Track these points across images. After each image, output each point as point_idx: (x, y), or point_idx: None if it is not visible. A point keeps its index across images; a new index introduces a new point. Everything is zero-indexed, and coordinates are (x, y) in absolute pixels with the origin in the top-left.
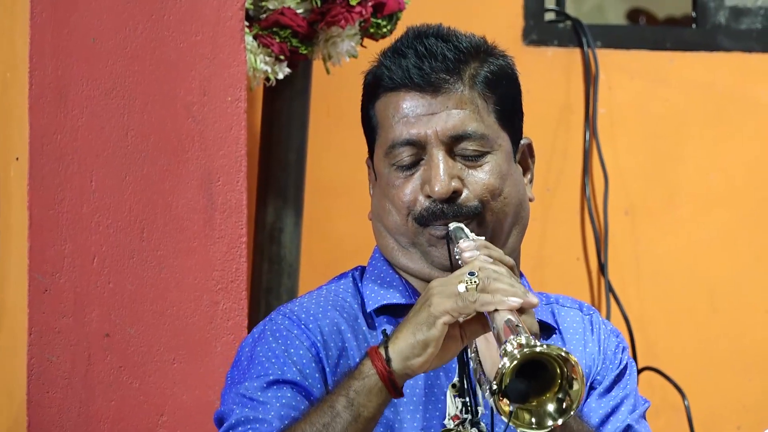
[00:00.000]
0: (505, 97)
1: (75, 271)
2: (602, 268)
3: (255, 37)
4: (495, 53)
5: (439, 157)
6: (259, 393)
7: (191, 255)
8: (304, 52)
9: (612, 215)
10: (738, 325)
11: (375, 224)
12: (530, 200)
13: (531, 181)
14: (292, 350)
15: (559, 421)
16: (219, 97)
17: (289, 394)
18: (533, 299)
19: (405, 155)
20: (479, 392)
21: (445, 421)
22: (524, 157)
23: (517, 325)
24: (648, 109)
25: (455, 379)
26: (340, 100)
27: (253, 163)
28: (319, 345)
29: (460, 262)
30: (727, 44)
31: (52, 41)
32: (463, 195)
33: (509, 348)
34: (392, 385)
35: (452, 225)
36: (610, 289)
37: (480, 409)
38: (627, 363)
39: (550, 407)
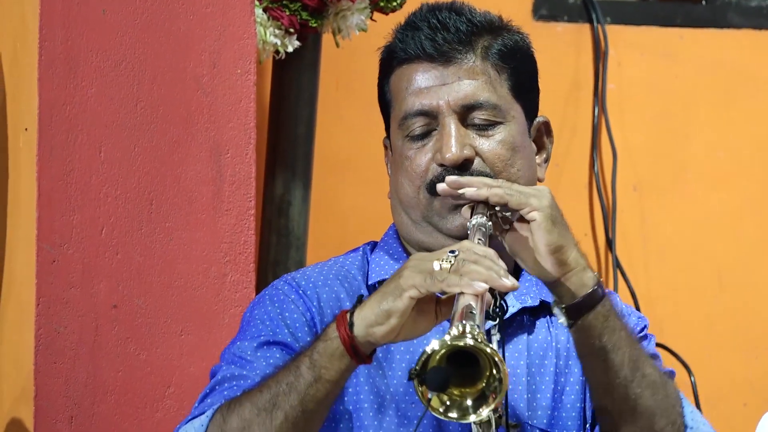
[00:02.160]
0: (519, 71)
1: (83, 242)
2: (610, 244)
3: (265, 10)
4: (510, 29)
5: (451, 125)
6: (249, 353)
7: (199, 227)
8: (314, 25)
9: (620, 191)
10: (745, 302)
11: (392, 201)
12: (539, 180)
13: (547, 161)
14: (287, 314)
15: (470, 419)
16: (228, 70)
17: (278, 355)
18: (508, 282)
19: (417, 125)
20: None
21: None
22: (540, 136)
23: (471, 312)
24: (657, 85)
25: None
26: (349, 73)
27: (262, 136)
28: (314, 311)
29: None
30: (738, 21)
31: (62, 13)
32: (475, 163)
33: (448, 334)
34: (354, 351)
35: (474, 219)
36: (617, 265)
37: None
38: (645, 335)
39: (469, 402)
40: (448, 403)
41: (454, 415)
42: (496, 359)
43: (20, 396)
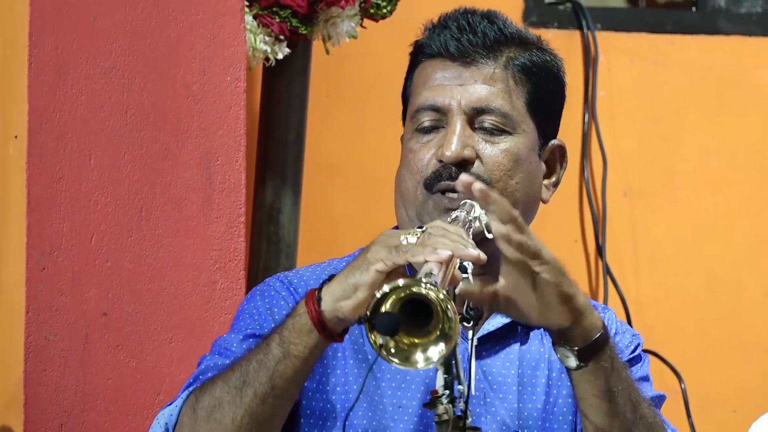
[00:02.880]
0: (541, 89)
1: (73, 249)
2: (600, 251)
3: (255, 17)
4: (544, 49)
5: (458, 124)
6: (235, 344)
7: (189, 234)
8: (304, 32)
9: (610, 197)
10: (736, 308)
11: (395, 195)
12: (543, 201)
13: (556, 185)
14: (276, 309)
15: (419, 365)
16: (218, 77)
17: None
18: (474, 252)
19: (426, 119)
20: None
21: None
22: (552, 159)
23: (430, 273)
24: (647, 91)
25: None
26: (339, 80)
27: (252, 143)
28: None
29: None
30: (728, 27)
31: (52, 19)
32: (474, 166)
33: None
34: (321, 326)
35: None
36: (607, 271)
37: (460, 387)
38: (639, 356)
39: (418, 355)
40: (398, 349)
41: (396, 360)
42: (447, 306)
43: (10, 403)
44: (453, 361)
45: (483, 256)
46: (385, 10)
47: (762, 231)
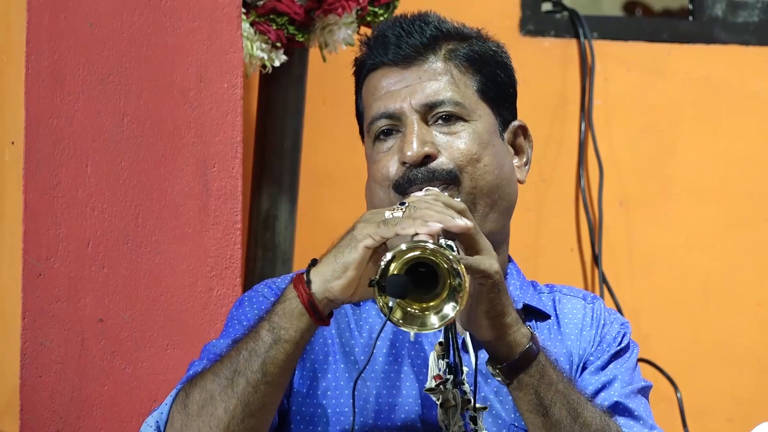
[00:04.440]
0: (489, 77)
1: (69, 255)
2: (596, 259)
3: (252, 24)
4: (483, 38)
5: (414, 124)
6: (224, 349)
7: (186, 241)
8: (301, 39)
9: (606, 206)
10: (730, 317)
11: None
12: (520, 182)
13: (527, 164)
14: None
15: (436, 325)
16: (215, 84)
17: None
18: (461, 222)
19: (382, 125)
20: (468, 355)
21: (427, 383)
22: (517, 139)
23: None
24: (644, 100)
25: (440, 339)
26: (336, 87)
27: (249, 150)
28: None
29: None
30: (724, 37)
31: (49, 25)
32: (438, 160)
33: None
34: (312, 309)
35: (424, 189)
36: (603, 280)
37: (465, 369)
38: (627, 345)
39: (433, 318)
40: (408, 317)
41: (414, 327)
42: (458, 267)
43: (5, 410)
44: (452, 347)
45: (470, 224)
46: (381, 18)
47: (757, 241)
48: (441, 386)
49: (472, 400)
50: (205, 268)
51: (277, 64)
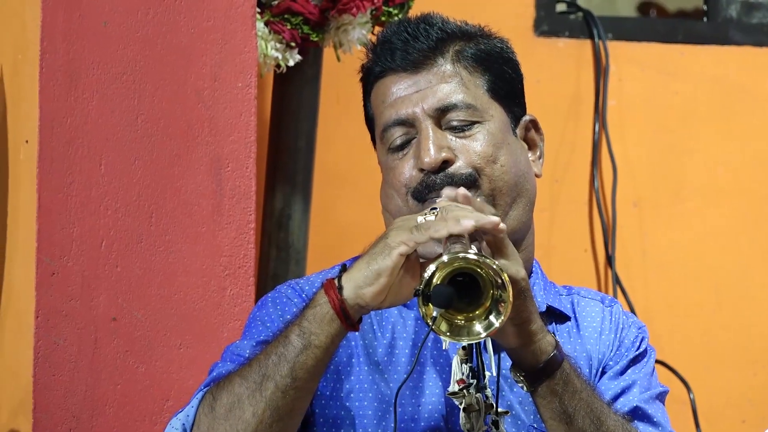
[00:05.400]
0: (496, 73)
1: (83, 254)
2: (609, 260)
3: (266, 24)
4: (487, 35)
5: (428, 130)
6: (247, 351)
7: (199, 240)
8: (315, 39)
9: (620, 207)
10: (743, 318)
11: (384, 215)
12: (537, 176)
13: (540, 157)
14: (288, 316)
15: (482, 335)
16: (229, 83)
17: None
18: (494, 219)
19: (397, 136)
20: (490, 359)
21: (450, 387)
22: (529, 134)
23: (463, 242)
24: (658, 101)
25: (464, 343)
26: (350, 87)
27: (263, 150)
28: None
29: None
30: (738, 38)
31: (64, 24)
32: (456, 164)
33: (445, 254)
34: (344, 315)
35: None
36: (616, 280)
37: (487, 374)
38: (645, 350)
39: (478, 326)
40: (454, 327)
41: (463, 337)
42: (501, 277)
43: (19, 408)
44: (475, 351)
45: (503, 224)
46: (396, 18)
47: None
48: (464, 390)
49: (495, 405)
50: (218, 268)
51: (291, 63)
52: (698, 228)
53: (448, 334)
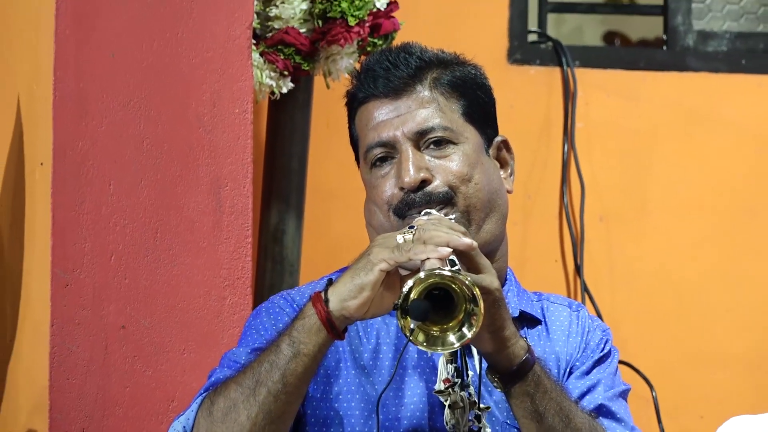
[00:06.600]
0: (472, 100)
1: (94, 267)
2: (578, 270)
3: (261, 54)
4: (462, 62)
5: (408, 151)
6: (243, 357)
7: (201, 254)
8: (306, 68)
9: (588, 221)
10: (702, 324)
11: (368, 230)
12: (508, 192)
13: (511, 174)
14: (280, 325)
15: (456, 345)
16: (227, 109)
17: None
18: (466, 240)
19: (378, 153)
20: (474, 359)
21: (436, 385)
22: (501, 153)
23: (436, 267)
24: (622, 124)
25: (439, 353)
26: (339, 112)
27: (259, 170)
28: None
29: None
30: (696, 65)
31: (75, 56)
32: (433, 183)
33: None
34: (330, 325)
35: (423, 212)
36: (585, 289)
37: (470, 373)
38: (609, 351)
39: (452, 337)
40: (429, 338)
41: (437, 347)
42: (474, 292)
43: (35, 409)
44: (459, 353)
45: (474, 243)
46: (380, 48)
47: (726, 253)
48: (449, 389)
49: (477, 401)
50: (218, 279)
51: (284, 90)
52: (660, 240)
53: (424, 344)
